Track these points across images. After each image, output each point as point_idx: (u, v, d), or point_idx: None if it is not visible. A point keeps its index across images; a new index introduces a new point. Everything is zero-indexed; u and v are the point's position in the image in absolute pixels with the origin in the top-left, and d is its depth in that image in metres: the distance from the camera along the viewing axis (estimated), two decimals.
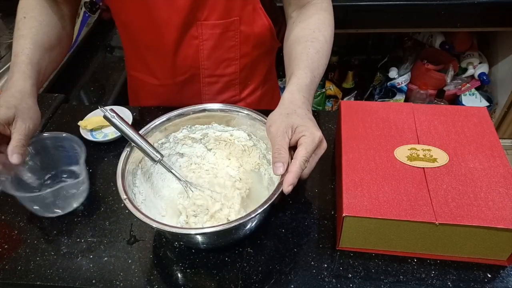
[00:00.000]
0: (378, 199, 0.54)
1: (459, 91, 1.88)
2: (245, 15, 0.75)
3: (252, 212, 0.51)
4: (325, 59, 0.70)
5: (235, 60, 0.81)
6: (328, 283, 0.55)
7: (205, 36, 0.76)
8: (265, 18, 0.78)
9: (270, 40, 0.83)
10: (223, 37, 0.77)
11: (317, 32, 0.70)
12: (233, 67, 0.82)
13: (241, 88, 0.88)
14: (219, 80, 0.84)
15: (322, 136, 0.56)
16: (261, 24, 0.78)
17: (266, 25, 0.79)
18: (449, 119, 0.66)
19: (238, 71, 0.84)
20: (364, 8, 1.47)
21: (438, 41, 1.87)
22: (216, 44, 0.77)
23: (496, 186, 0.55)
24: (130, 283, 0.57)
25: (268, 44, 0.84)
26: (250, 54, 0.82)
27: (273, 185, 0.59)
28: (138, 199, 0.60)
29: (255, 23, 0.77)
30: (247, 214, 0.51)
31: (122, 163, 0.59)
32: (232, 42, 0.78)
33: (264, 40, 0.81)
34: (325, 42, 0.70)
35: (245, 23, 0.76)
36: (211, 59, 0.80)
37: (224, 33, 0.76)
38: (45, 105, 0.88)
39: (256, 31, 0.78)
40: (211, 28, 0.75)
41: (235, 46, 0.79)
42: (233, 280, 0.56)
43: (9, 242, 0.63)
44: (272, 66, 0.94)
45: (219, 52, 0.79)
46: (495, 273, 0.55)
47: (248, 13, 0.76)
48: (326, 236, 0.61)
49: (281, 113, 0.59)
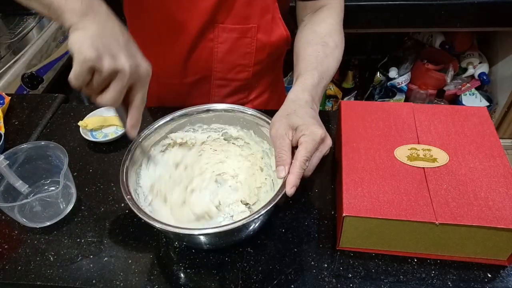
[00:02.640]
0: (378, 199, 0.54)
1: (459, 91, 1.88)
2: (263, 24, 0.75)
3: (256, 213, 0.51)
4: (335, 63, 0.69)
5: (249, 67, 0.81)
6: (328, 283, 0.55)
7: (220, 38, 0.76)
8: (283, 28, 0.77)
9: (285, 49, 0.83)
10: (238, 42, 0.76)
11: (328, 37, 0.70)
12: (246, 73, 0.82)
13: (249, 92, 0.88)
14: (230, 84, 0.84)
15: (324, 133, 0.55)
16: (278, 33, 0.77)
17: (284, 35, 0.78)
18: (449, 119, 0.66)
19: (250, 77, 0.83)
20: (364, 8, 1.47)
21: (438, 41, 1.87)
22: (231, 48, 0.77)
23: (496, 186, 0.55)
24: (130, 283, 0.57)
25: (281, 51, 0.84)
26: (263, 61, 0.81)
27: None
28: (141, 198, 0.60)
29: (273, 33, 0.77)
30: (250, 215, 0.51)
31: (127, 162, 0.59)
32: (247, 49, 0.78)
33: (280, 49, 0.81)
34: (336, 47, 0.70)
35: (262, 31, 0.76)
36: (224, 62, 0.79)
37: (240, 38, 0.76)
38: (45, 105, 0.88)
39: (273, 40, 0.78)
40: (228, 32, 0.75)
41: (250, 53, 0.78)
42: (234, 280, 0.56)
43: (9, 242, 0.63)
44: (280, 69, 0.94)
45: (233, 57, 0.79)
46: (495, 273, 0.55)
47: (267, 22, 0.75)
48: (326, 236, 0.61)
49: (281, 114, 0.59)
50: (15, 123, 0.85)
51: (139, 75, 0.51)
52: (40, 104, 0.89)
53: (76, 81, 0.47)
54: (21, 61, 1.25)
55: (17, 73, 1.22)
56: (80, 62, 0.46)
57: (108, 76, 0.48)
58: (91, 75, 0.48)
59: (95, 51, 0.46)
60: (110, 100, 0.49)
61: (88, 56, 0.46)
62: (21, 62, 1.24)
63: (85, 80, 0.48)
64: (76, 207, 0.67)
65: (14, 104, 0.89)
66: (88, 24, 0.48)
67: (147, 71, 0.52)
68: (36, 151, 0.68)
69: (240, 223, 0.50)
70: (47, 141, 0.67)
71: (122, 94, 0.50)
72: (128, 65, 0.48)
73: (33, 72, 1.26)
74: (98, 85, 0.49)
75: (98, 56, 0.46)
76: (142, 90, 0.52)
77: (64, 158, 0.64)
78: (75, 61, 0.46)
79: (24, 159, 0.67)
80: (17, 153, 0.66)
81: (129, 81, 0.49)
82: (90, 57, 0.46)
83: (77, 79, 0.47)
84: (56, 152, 0.67)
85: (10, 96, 0.89)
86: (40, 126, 0.83)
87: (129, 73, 0.49)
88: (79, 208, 0.67)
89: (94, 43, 0.47)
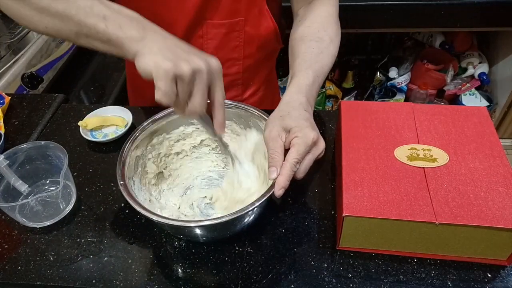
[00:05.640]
0: (378, 199, 0.54)
1: (459, 91, 1.88)
2: (250, 16, 0.75)
3: (250, 205, 0.52)
4: (330, 59, 0.69)
5: (239, 61, 0.81)
6: (328, 283, 0.55)
7: (210, 35, 0.76)
8: (271, 20, 0.77)
9: (274, 43, 0.83)
10: (227, 37, 0.77)
11: (322, 31, 0.70)
12: (237, 67, 0.82)
13: (243, 89, 0.88)
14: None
15: (317, 136, 0.55)
16: (266, 26, 0.78)
17: (272, 28, 0.78)
18: (449, 119, 0.66)
19: (241, 72, 0.84)
20: (364, 8, 1.47)
21: (438, 41, 1.87)
22: (220, 43, 0.77)
23: (496, 186, 0.55)
24: (130, 283, 0.57)
25: (272, 46, 0.84)
26: (254, 55, 0.82)
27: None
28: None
29: (261, 25, 0.77)
30: (243, 208, 0.52)
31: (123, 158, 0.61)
32: (236, 42, 0.78)
33: (269, 42, 0.81)
34: (330, 42, 0.70)
35: (250, 24, 0.76)
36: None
37: (229, 33, 0.76)
38: (45, 105, 0.88)
39: (261, 32, 0.78)
40: (217, 28, 0.75)
41: (239, 46, 0.79)
42: (233, 280, 0.56)
43: (9, 242, 0.63)
44: (274, 67, 0.94)
45: (223, 52, 0.79)
46: (495, 273, 0.55)
47: (254, 15, 0.76)
48: (326, 236, 0.61)
49: (275, 116, 0.59)
50: (15, 123, 0.85)
51: (213, 71, 0.51)
52: (40, 104, 0.89)
53: (166, 96, 0.48)
54: (21, 61, 1.25)
55: (17, 73, 1.22)
56: (162, 76, 0.47)
57: (191, 79, 0.49)
58: (176, 85, 0.48)
59: (170, 61, 0.47)
60: (198, 104, 0.50)
61: (167, 68, 0.47)
62: (21, 62, 1.24)
63: (173, 92, 0.48)
64: (76, 207, 0.67)
65: (14, 104, 0.89)
66: (150, 44, 0.49)
67: (217, 64, 0.52)
68: (36, 151, 0.68)
69: (232, 216, 0.51)
70: (47, 141, 0.67)
71: (206, 95, 0.51)
72: (202, 63, 0.49)
73: (33, 72, 1.26)
74: (183, 93, 0.49)
75: (175, 64, 0.47)
76: (219, 85, 0.53)
77: (64, 158, 0.64)
78: (156, 79, 0.47)
79: (24, 159, 0.67)
80: (17, 153, 0.66)
81: (208, 78, 0.50)
82: (169, 68, 0.47)
83: (166, 94, 0.48)
84: (56, 152, 0.67)
85: (10, 96, 0.89)
86: (40, 126, 0.83)
87: (206, 70, 0.50)
88: (79, 208, 0.67)
89: (165, 56, 0.48)
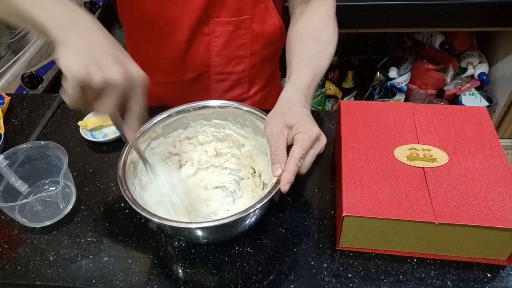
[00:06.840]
0: (378, 199, 0.54)
1: (459, 91, 1.88)
2: (256, 14, 0.76)
3: (251, 207, 0.51)
4: (327, 58, 0.69)
5: (245, 58, 0.82)
6: (328, 283, 0.55)
7: (216, 33, 0.76)
8: (277, 17, 0.78)
9: (280, 39, 0.83)
10: (234, 34, 0.77)
11: (319, 31, 0.70)
12: (243, 65, 0.83)
13: (249, 86, 0.88)
14: (228, 77, 0.84)
15: (319, 131, 0.56)
16: (272, 23, 0.78)
17: (277, 25, 0.79)
18: (449, 119, 0.66)
19: (248, 69, 0.84)
20: (364, 8, 1.47)
21: (438, 41, 1.87)
22: (227, 41, 0.78)
23: (496, 186, 0.55)
24: (130, 283, 0.57)
25: (277, 43, 0.84)
26: (259, 52, 0.82)
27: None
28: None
29: (266, 22, 0.78)
30: (246, 210, 0.51)
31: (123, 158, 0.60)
32: (243, 40, 0.78)
33: (274, 39, 0.82)
34: (328, 41, 0.70)
35: (256, 21, 0.77)
36: (221, 56, 0.80)
37: (235, 30, 0.76)
38: (45, 105, 0.88)
39: (267, 29, 0.79)
40: (223, 25, 0.75)
41: (246, 44, 0.79)
42: (233, 280, 0.56)
43: (9, 242, 0.63)
44: (278, 65, 0.95)
45: (229, 50, 0.79)
46: (495, 273, 0.56)
47: (260, 12, 0.76)
48: (326, 236, 0.61)
49: (275, 113, 0.59)
50: (15, 123, 0.85)
51: (132, 82, 0.49)
52: (40, 104, 0.89)
53: (72, 102, 0.46)
54: (21, 61, 1.25)
55: (17, 73, 1.22)
56: (71, 81, 0.45)
57: (100, 90, 0.46)
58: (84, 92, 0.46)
59: (83, 67, 0.45)
60: (104, 109, 0.48)
61: (77, 74, 0.44)
62: (21, 62, 1.24)
63: (80, 99, 0.46)
64: (76, 207, 0.67)
65: (14, 104, 0.89)
66: (73, 37, 0.47)
67: (140, 76, 0.50)
68: (36, 151, 0.68)
69: (235, 217, 0.51)
70: (47, 141, 0.67)
71: (115, 102, 0.48)
72: (118, 74, 0.47)
73: (33, 72, 1.26)
74: (91, 99, 0.47)
75: (86, 72, 0.45)
76: (137, 98, 0.50)
77: (64, 158, 0.64)
78: (65, 81, 0.45)
79: (24, 159, 0.67)
80: (17, 153, 0.66)
81: (122, 89, 0.48)
82: (79, 74, 0.44)
83: (72, 100, 0.46)
84: (56, 152, 0.67)
85: (10, 96, 0.89)
86: (40, 126, 0.83)
87: (121, 82, 0.47)
88: (79, 208, 0.67)
89: (80, 57, 0.45)
